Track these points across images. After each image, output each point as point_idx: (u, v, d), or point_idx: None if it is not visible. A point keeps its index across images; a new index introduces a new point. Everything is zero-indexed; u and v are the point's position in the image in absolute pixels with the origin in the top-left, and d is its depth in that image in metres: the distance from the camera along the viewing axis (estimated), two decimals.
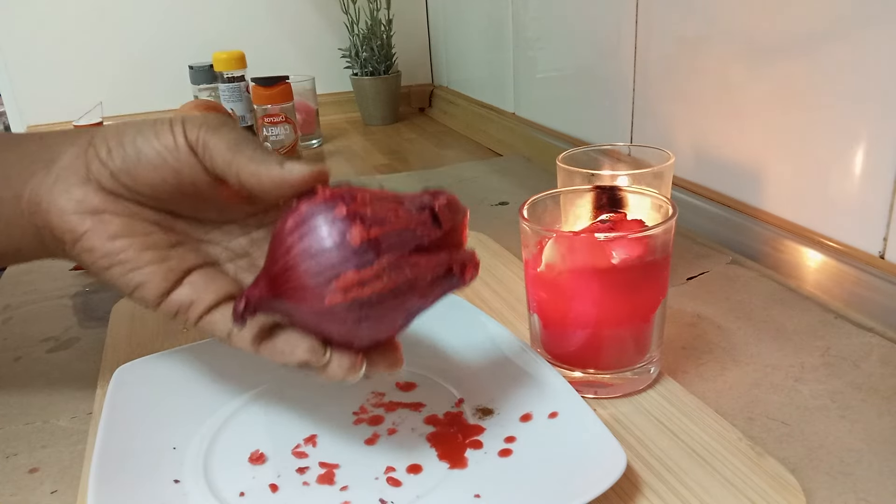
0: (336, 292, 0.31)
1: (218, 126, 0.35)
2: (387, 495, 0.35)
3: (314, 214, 0.31)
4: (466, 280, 0.35)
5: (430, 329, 0.48)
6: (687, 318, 0.52)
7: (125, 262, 0.35)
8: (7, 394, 0.48)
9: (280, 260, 0.32)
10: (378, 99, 1.25)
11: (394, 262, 0.32)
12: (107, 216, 0.36)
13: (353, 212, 0.31)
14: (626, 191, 0.46)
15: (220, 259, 0.39)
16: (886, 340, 0.48)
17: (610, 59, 0.79)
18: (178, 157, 0.35)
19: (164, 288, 0.36)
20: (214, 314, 0.36)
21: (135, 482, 0.35)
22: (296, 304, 0.32)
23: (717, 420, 0.40)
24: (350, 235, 0.31)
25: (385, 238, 0.32)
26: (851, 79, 0.51)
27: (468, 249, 0.35)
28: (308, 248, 0.31)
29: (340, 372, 0.33)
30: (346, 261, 0.31)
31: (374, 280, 0.31)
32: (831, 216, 0.55)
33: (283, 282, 0.32)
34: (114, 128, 0.37)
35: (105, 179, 0.36)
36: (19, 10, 1.16)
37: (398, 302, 0.32)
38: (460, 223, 0.35)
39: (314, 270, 0.31)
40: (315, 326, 0.33)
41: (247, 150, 0.34)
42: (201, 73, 1.16)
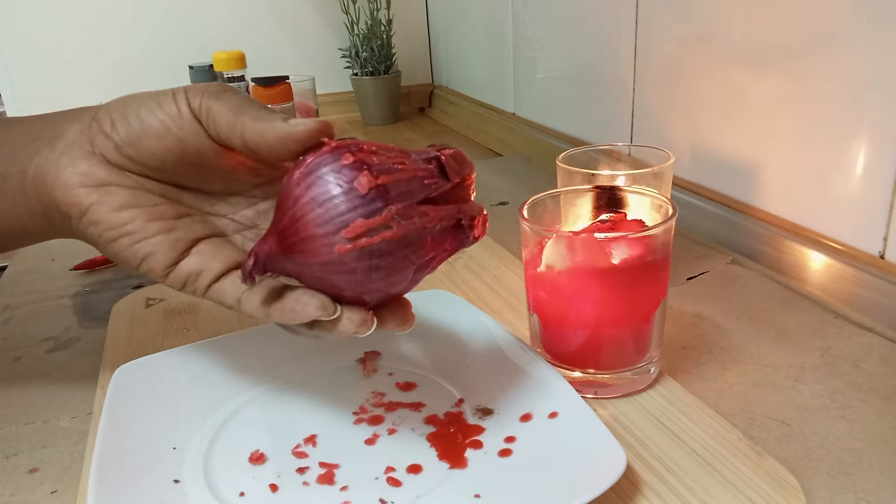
0: (345, 241, 0.30)
1: (220, 92, 0.35)
2: (387, 495, 0.35)
3: (321, 164, 0.31)
4: (476, 234, 0.34)
5: (430, 329, 0.48)
6: (687, 318, 0.52)
7: (132, 234, 0.35)
8: (7, 394, 0.48)
9: (287, 212, 0.31)
10: (378, 99, 1.25)
11: (402, 210, 0.31)
12: (112, 188, 0.36)
13: (359, 160, 0.31)
14: (626, 191, 0.46)
15: (226, 231, 0.39)
16: (886, 340, 0.48)
17: (610, 59, 0.79)
18: (182, 125, 0.35)
19: (171, 258, 0.36)
20: (223, 282, 0.36)
21: (135, 482, 0.35)
22: (305, 258, 0.31)
23: (717, 420, 0.40)
24: (357, 183, 0.30)
25: (393, 186, 0.31)
26: (852, 79, 0.51)
27: (476, 203, 0.35)
28: (315, 197, 0.31)
29: (352, 326, 0.32)
30: (355, 208, 0.30)
31: (384, 228, 0.30)
32: (831, 216, 0.55)
33: (292, 234, 0.31)
34: (117, 101, 0.37)
35: (110, 152, 0.36)
36: (19, 10, 1.16)
37: (408, 251, 0.32)
38: (467, 177, 0.35)
39: (322, 219, 0.30)
40: (325, 280, 0.32)
41: (250, 111, 0.34)
42: (201, 73, 1.16)
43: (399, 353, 0.47)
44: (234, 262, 0.36)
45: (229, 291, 0.36)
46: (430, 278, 0.60)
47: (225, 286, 0.36)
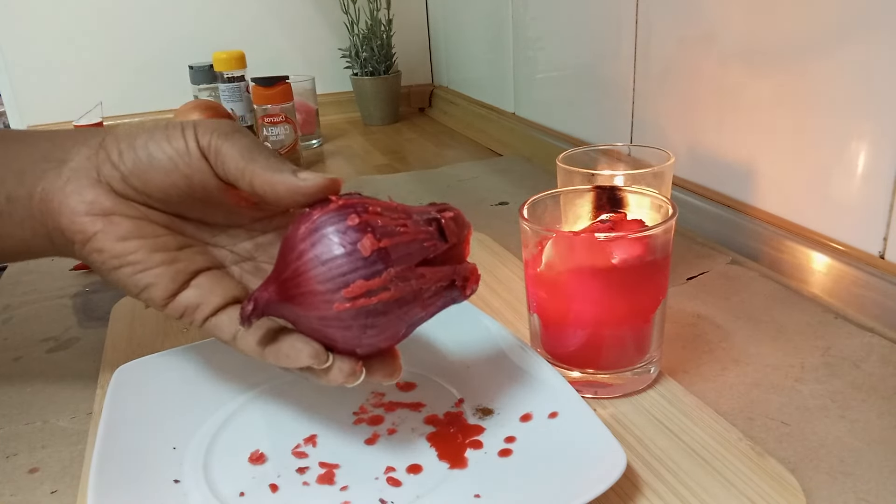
0: (344, 300, 0.32)
1: (230, 132, 0.36)
2: (387, 495, 0.35)
3: (327, 223, 0.32)
4: (467, 293, 0.36)
5: (430, 329, 0.48)
6: (687, 318, 0.52)
7: (135, 264, 0.36)
8: (7, 394, 0.48)
9: (291, 265, 0.32)
10: (378, 99, 1.25)
11: (401, 273, 0.32)
12: (117, 218, 0.36)
13: (364, 222, 0.32)
14: (626, 191, 0.46)
15: (225, 262, 0.39)
16: (886, 340, 0.48)
17: (610, 59, 0.79)
18: (190, 162, 0.35)
19: (171, 289, 0.36)
20: (220, 316, 0.36)
21: (135, 482, 0.35)
22: (303, 310, 0.32)
23: (717, 420, 0.40)
24: (361, 245, 0.32)
25: (394, 249, 0.32)
26: (852, 79, 0.51)
27: (470, 263, 0.36)
28: (319, 254, 0.32)
29: (341, 377, 0.34)
30: (356, 269, 0.32)
31: (382, 290, 0.32)
32: (831, 216, 0.55)
33: (293, 286, 0.32)
34: (126, 130, 0.37)
35: (116, 182, 0.36)
36: (19, 10, 1.16)
37: (402, 312, 0.33)
38: (464, 238, 0.36)
39: (324, 277, 0.32)
40: (320, 332, 0.33)
41: (260, 159, 0.35)
42: (201, 73, 1.16)
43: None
44: (231, 296, 0.37)
45: (225, 326, 0.36)
46: None
47: (222, 321, 0.36)
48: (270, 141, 0.96)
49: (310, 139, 1.14)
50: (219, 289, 0.37)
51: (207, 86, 1.17)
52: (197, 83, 1.17)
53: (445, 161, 1.01)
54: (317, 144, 1.15)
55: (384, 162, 1.04)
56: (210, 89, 1.17)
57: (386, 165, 1.02)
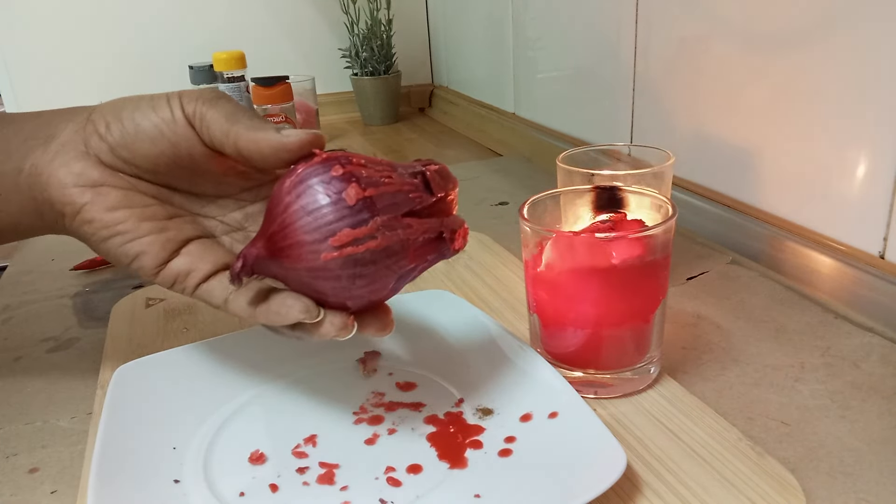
0: (332, 248, 0.32)
1: (214, 98, 0.36)
2: (387, 495, 0.35)
3: (311, 174, 0.32)
4: (456, 246, 0.36)
5: (430, 329, 0.48)
6: (687, 318, 0.52)
7: (124, 233, 0.36)
8: (7, 394, 0.48)
9: (277, 218, 0.32)
10: (378, 99, 1.25)
11: (387, 222, 0.32)
12: (105, 188, 0.36)
13: (349, 172, 0.32)
14: (626, 191, 0.46)
15: (215, 232, 0.40)
16: (886, 340, 0.48)
17: (610, 59, 0.79)
18: (176, 129, 0.36)
19: (162, 257, 0.37)
20: (211, 282, 0.37)
21: (135, 482, 0.35)
22: (291, 262, 0.32)
23: (717, 420, 0.40)
24: (346, 194, 0.32)
25: (379, 199, 0.32)
26: (851, 79, 0.51)
27: (458, 217, 0.36)
28: (305, 205, 0.32)
29: (333, 330, 0.34)
30: (342, 218, 0.32)
31: (369, 238, 0.32)
32: (831, 216, 0.55)
33: (280, 239, 0.32)
34: (111, 103, 0.37)
35: (104, 153, 0.36)
36: (19, 10, 1.16)
37: (391, 261, 0.33)
38: (450, 192, 0.36)
39: (310, 227, 0.32)
40: (310, 285, 0.33)
41: (244, 120, 0.35)
42: (201, 73, 1.16)
43: (399, 353, 0.47)
44: (222, 263, 0.37)
45: (217, 291, 0.36)
46: (430, 278, 0.60)
47: (213, 286, 0.37)
48: None
49: None
50: (209, 256, 0.37)
51: (207, 86, 1.17)
52: (197, 83, 1.17)
53: (445, 161, 1.00)
54: None
55: None
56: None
57: None
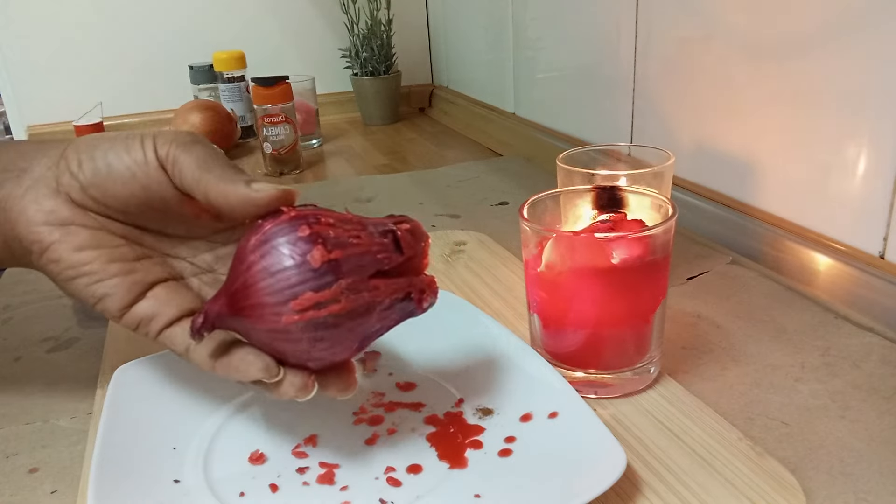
0: (293, 312, 0.31)
1: (189, 143, 0.36)
2: (387, 495, 0.35)
3: (276, 234, 0.32)
4: (424, 306, 0.35)
5: (430, 329, 0.48)
6: (687, 318, 0.52)
7: (91, 274, 0.36)
8: (7, 394, 0.48)
9: (240, 277, 0.32)
10: (378, 99, 1.25)
11: (352, 284, 0.32)
12: (74, 228, 0.36)
13: (315, 233, 0.32)
14: (626, 191, 0.46)
15: (185, 273, 0.39)
16: (886, 340, 0.48)
17: (610, 59, 0.79)
18: (148, 172, 0.36)
19: (127, 300, 0.36)
20: (175, 328, 0.36)
21: (135, 482, 0.35)
22: (252, 322, 0.32)
23: (717, 420, 0.40)
24: (311, 256, 0.31)
25: (346, 261, 0.32)
26: (851, 79, 0.51)
27: (427, 275, 0.36)
28: (268, 266, 0.31)
29: (292, 391, 0.34)
30: (305, 281, 0.31)
31: (332, 302, 0.31)
32: (831, 216, 0.55)
33: (242, 298, 0.32)
34: (87, 140, 0.37)
35: (75, 192, 0.36)
36: (19, 10, 1.16)
37: (354, 324, 0.33)
38: (422, 250, 0.35)
39: (273, 289, 0.31)
40: (270, 345, 0.33)
41: (215, 169, 0.35)
42: (201, 73, 1.16)
43: (399, 353, 0.47)
44: (187, 308, 0.37)
45: (179, 339, 0.36)
46: None
47: (176, 332, 0.36)
48: (270, 141, 0.96)
49: (310, 139, 1.14)
50: (175, 300, 0.37)
51: (207, 86, 1.17)
52: (197, 83, 1.17)
53: (445, 161, 1.01)
54: (317, 144, 1.15)
55: (384, 162, 1.04)
56: (210, 89, 1.17)
57: (386, 165, 1.02)
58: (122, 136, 0.37)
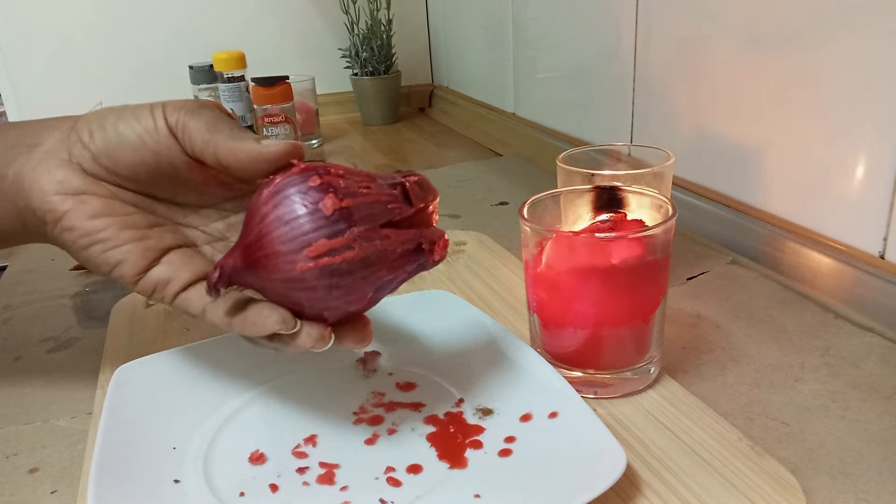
0: (307, 259, 0.31)
1: (197, 108, 0.36)
2: (387, 495, 0.35)
3: (288, 184, 0.32)
4: (436, 258, 0.36)
5: (430, 329, 0.48)
6: (687, 318, 0.52)
7: (105, 241, 0.36)
8: (7, 394, 0.48)
9: (254, 229, 0.32)
10: (378, 99, 1.25)
11: (365, 232, 0.32)
12: (87, 196, 0.37)
13: (326, 183, 0.32)
14: (626, 191, 0.46)
15: (197, 241, 0.40)
16: (886, 340, 0.48)
17: (610, 59, 0.79)
18: (158, 139, 0.36)
19: (142, 266, 0.37)
20: (190, 291, 0.37)
21: (135, 482, 0.35)
22: (268, 273, 0.32)
23: (717, 420, 0.40)
24: (323, 204, 0.32)
25: (357, 209, 0.32)
26: (851, 79, 0.51)
27: (438, 229, 0.36)
28: (281, 216, 0.32)
29: (309, 341, 0.34)
30: (319, 229, 0.32)
31: (345, 249, 0.32)
32: (831, 216, 0.55)
33: (257, 249, 0.32)
34: (97, 112, 0.38)
35: (86, 162, 0.37)
36: (19, 10, 1.16)
37: (368, 272, 0.33)
38: (430, 203, 0.36)
39: (287, 237, 0.32)
40: (286, 296, 0.33)
41: (224, 129, 0.36)
42: (201, 73, 1.16)
43: (399, 353, 0.47)
44: (202, 272, 0.37)
45: (195, 301, 0.37)
46: (430, 278, 0.60)
47: (191, 295, 0.37)
48: None
49: (310, 139, 1.14)
50: (189, 265, 0.37)
51: (207, 86, 1.17)
52: (197, 83, 1.17)
53: (445, 161, 1.01)
54: (317, 144, 1.15)
55: (384, 162, 1.04)
56: (210, 89, 1.17)
57: (386, 165, 1.02)
58: (130, 106, 0.37)
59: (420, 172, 0.36)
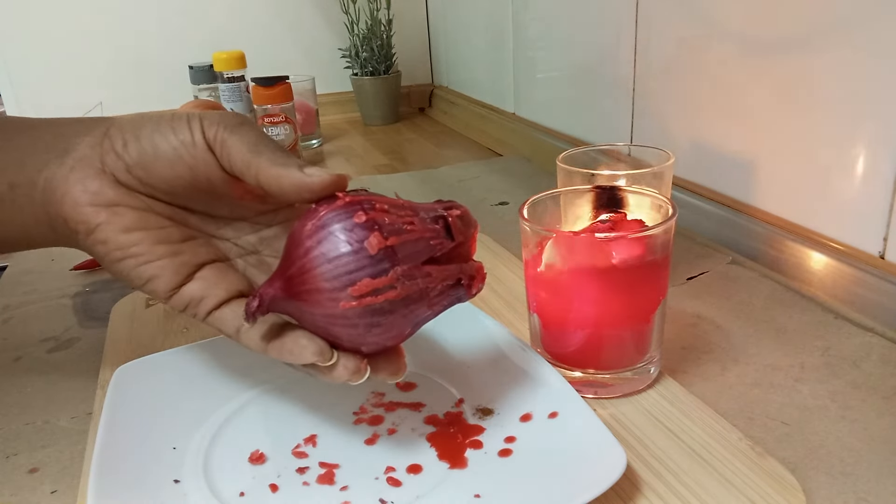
0: (351, 298, 0.31)
1: (236, 125, 0.35)
2: (387, 495, 0.35)
3: (333, 220, 0.32)
4: (473, 292, 0.35)
5: (430, 329, 0.48)
6: (687, 318, 0.52)
7: (138, 255, 0.36)
8: (7, 394, 0.48)
9: (297, 262, 0.32)
10: (378, 99, 1.25)
11: (407, 271, 0.32)
12: (121, 209, 0.36)
13: (371, 220, 0.32)
14: (626, 191, 0.46)
15: (229, 254, 0.39)
16: (886, 340, 0.48)
17: (610, 59, 0.79)
18: (195, 153, 0.35)
19: (175, 282, 0.36)
20: (224, 310, 0.36)
21: (135, 482, 0.35)
22: (309, 307, 0.32)
23: (717, 420, 0.40)
24: (368, 243, 0.31)
25: (401, 247, 0.32)
26: (852, 78, 0.51)
27: (476, 262, 0.36)
28: (326, 252, 0.32)
29: (346, 374, 0.33)
30: (363, 268, 0.31)
31: (388, 289, 0.32)
32: (831, 216, 0.55)
33: (299, 283, 0.32)
34: (130, 119, 0.37)
35: (120, 173, 0.36)
36: (19, 9, 1.16)
37: (408, 311, 0.33)
38: (471, 236, 0.36)
39: (331, 275, 0.31)
40: (325, 329, 0.33)
41: (266, 153, 0.34)
42: (201, 73, 1.16)
43: None
44: (236, 290, 0.37)
45: (229, 320, 0.36)
46: None
47: (226, 314, 0.36)
48: None
49: (310, 139, 1.14)
50: (223, 282, 0.37)
51: (207, 86, 1.17)
52: (197, 83, 1.17)
53: (445, 161, 1.01)
54: (317, 144, 1.15)
55: (384, 162, 1.04)
56: (210, 89, 1.17)
57: (386, 165, 1.02)
58: (166, 115, 0.36)
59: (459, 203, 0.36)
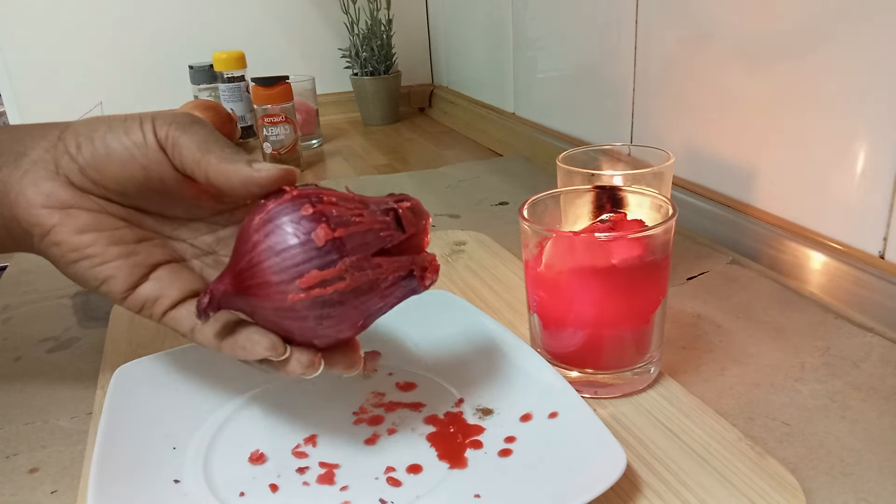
0: (299, 290, 0.31)
1: (188, 124, 0.36)
2: (387, 495, 0.35)
3: (280, 213, 0.32)
4: (426, 284, 0.35)
5: (430, 329, 0.48)
6: (687, 318, 0.52)
7: (93, 257, 0.36)
8: (7, 394, 0.48)
9: (245, 256, 0.32)
10: (378, 99, 1.25)
11: (356, 262, 0.32)
12: (75, 210, 0.36)
13: (318, 212, 0.32)
14: (626, 191, 0.46)
15: (186, 255, 0.40)
16: (886, 340, 0.48)
17: (610, 59, 0.79)
18: (147, 153, 0.35)
19: (130, 282, 0.36)
20: (179, 310, 0.36)
21: (135, 482, 0.35)
22: (259, 301, 0.32)
23: (717, 420, 0.40)
24: (315, 235, 0.32)
25: (349, 239, 0.32)
26: (852, 78, 0.51)
27: (429, 254, 0.36)
28: (273, 245, 0.32)
29: (299, 368, 0.34)
30: (310, 259, 0.31)
31: (337, 280, 0.32)
32: (831, 216, 0.55)
33: (248, 277, 0.32)
34: (85, 123, 0.37)
35: (74, 175, 0.36)
36: (19, 9, 1.16)
37: (359, 302, 0.33)
38: (422, 228, 0.36)
39: (278, 268, 0.32)
40: (276, 323, 0.33)
41: (216, 150, 0.35)
42: (201, 73, 1.16)
43: (399, 353, 0.47)
44: (190, 289, 0.37)
45: (184, 319, 0.36)
46: None
47: (181, 314, 0.36)
48: (270, 141, 0.96)
49: (310, 139, 1.14)
50: (178, 282, 0.37)
51: (207, 86, 1.17)
52: (197, 83, 1.17)
53: (445, 161, 1.01)
54: (317, 144, 1.15)
55: (384, 162, 1.04)
56: (210, 89, 1.17)
57: (386, 165, 1.02)
58: (119, 118, 0.36)
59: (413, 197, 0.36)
